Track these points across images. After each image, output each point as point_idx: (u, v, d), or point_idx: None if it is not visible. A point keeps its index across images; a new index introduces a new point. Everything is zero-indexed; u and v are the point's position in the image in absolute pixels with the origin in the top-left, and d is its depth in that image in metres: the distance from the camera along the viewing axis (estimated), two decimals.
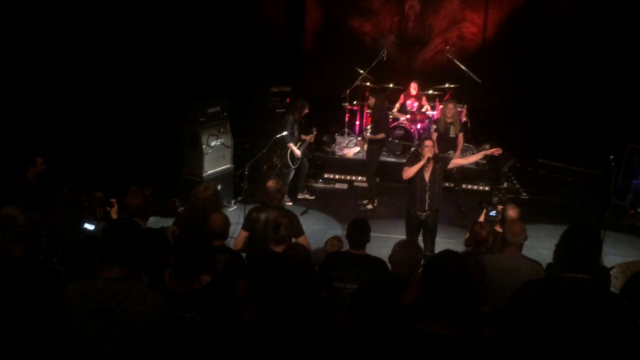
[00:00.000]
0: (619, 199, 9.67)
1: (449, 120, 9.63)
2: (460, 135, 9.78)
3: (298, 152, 9.59)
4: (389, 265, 4.42)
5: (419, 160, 6.92)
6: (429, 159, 6.82)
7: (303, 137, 9.83)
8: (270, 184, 5.73)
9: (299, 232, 5.49)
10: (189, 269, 3.71)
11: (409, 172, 6.92)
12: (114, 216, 5.51)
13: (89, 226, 4.90)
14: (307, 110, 9.70)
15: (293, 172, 9.82)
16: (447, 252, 2.70)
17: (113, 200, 5.56)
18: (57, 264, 4.44)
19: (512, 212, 5.95)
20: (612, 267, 6.51)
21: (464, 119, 11.06)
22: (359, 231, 4.83)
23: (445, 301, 2.50)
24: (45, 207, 5.56)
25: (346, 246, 5.29)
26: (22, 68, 7.77)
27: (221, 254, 4.63)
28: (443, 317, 2.51)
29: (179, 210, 8.44)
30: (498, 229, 5.99)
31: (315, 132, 10.13)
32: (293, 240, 5.11)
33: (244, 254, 5.48)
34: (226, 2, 11.08)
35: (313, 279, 4.51)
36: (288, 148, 9.52)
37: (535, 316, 3.09)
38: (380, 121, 9.89)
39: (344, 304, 4.38)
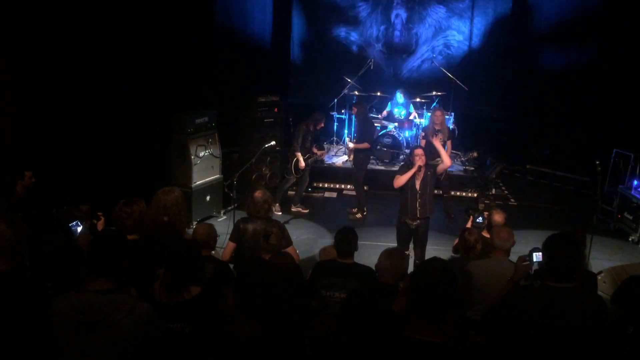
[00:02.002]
0: (606, 204, 9.75)
1: (437, 128, 9.65)
2: (449, 143, 9.80)
3: (303, 164, 9.55)
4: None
5: (410, 169, 6.95)
6: (420, 167, 6.84)
7: (314, 150, 9.84)
8: (257, 194, 5.72)
9: (288, 242, 5.52)
10: (178, 279, 3.70)
11: (400, 180, 6.92)
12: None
13: (76, 228, 4.81)
14: (322, 125, 9.75)
15: (293, 180, 9.81)
16: (433, 260, 2.74)
17: (100, 213, 5.52)
18: (42, 279, 4.40)
19: (498, 217, 5.97)
20: (600, 272, 6.56)
21: (451, 126, 11.12)
22: (347, 240, 4.83)
23: (431, 308, 2.52)
24: (32, 221, 5.53)
25: None
26: (9, 81, 7.74)
27: (207, 264, 4.62)
28: (429, 324, 2.53)
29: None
30: (485, 234, 6.01)
31: (326, 150, 10.07)
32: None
33: (231, 265, 5.47)
34: (212, 13, 11.10)
35: (302, 288, 4.51)
36: (294, 157, 9.53)
37: (519, 323, 3.14)
38: (365, 131, 9.90)
39: (332, 312, 4.38)
